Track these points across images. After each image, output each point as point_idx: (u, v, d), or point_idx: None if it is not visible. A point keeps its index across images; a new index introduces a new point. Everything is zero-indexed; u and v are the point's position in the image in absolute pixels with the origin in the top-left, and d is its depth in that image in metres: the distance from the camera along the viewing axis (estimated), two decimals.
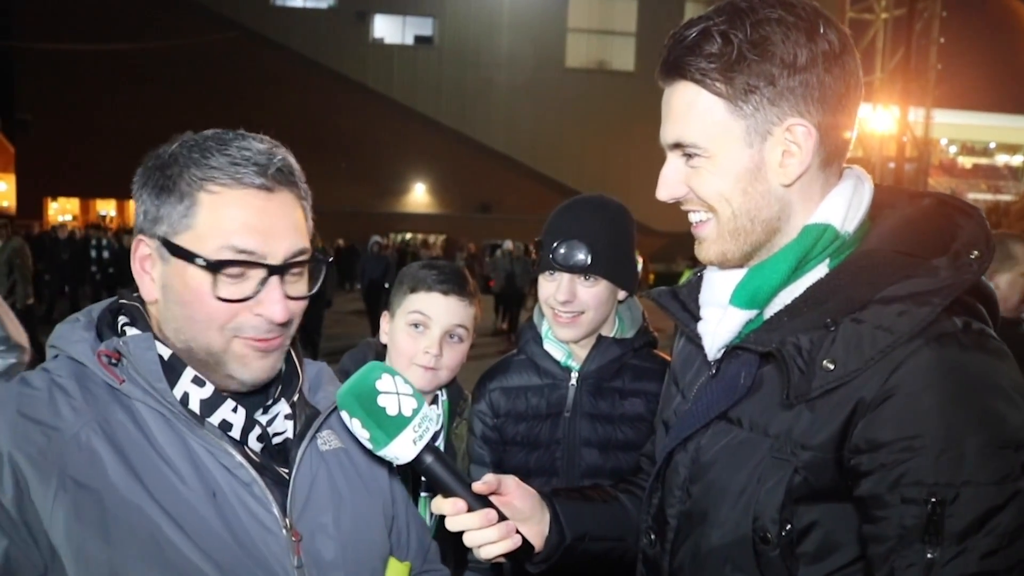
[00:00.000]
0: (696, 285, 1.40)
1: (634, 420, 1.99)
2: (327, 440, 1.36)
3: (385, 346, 2.09)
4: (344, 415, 1.21)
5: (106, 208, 35.07)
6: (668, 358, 2.10)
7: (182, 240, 1.16)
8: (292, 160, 1.24)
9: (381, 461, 1.37)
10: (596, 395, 2.01)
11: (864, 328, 1.10)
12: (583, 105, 31.49)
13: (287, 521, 1.20)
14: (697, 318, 1.35)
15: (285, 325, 1.21)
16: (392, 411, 1.19)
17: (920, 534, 1.04)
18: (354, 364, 1.97)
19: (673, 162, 1.26)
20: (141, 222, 1.20)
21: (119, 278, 14.63)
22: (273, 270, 1.17)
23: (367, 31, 32.09)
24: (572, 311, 1.96)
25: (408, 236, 28.83)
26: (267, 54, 29.74)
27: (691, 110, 1.21)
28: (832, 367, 1.10)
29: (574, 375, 2.03)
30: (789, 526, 1.14)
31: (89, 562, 1.06)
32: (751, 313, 1.24)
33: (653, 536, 1.37)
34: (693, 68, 1.19)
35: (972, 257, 1.13)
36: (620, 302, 2.06)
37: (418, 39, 32.99)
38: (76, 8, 27.92)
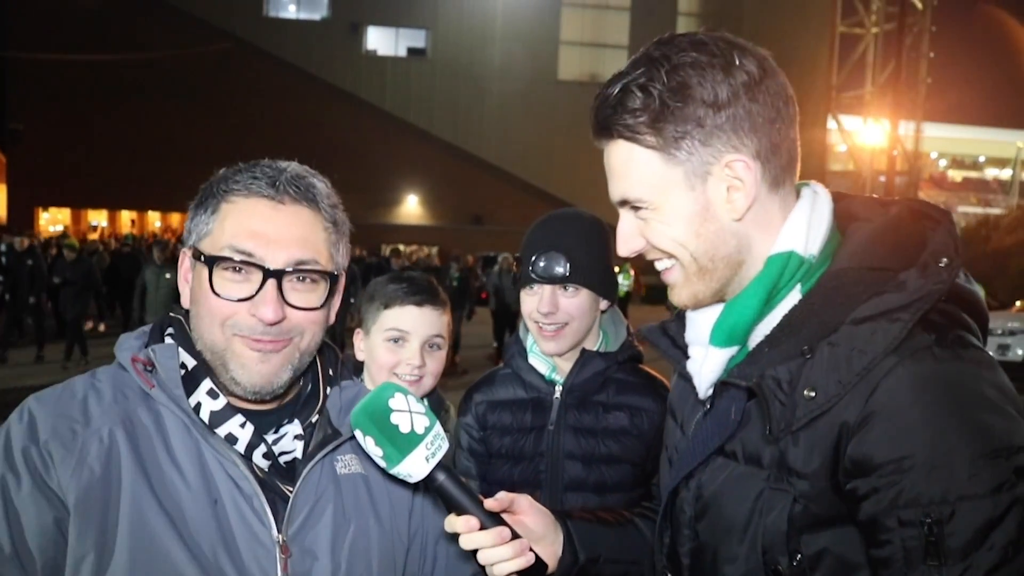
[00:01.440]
0: (683, 322, 1.39)
1: (618, 434, 1.99)
2: (348, 464, 1.38)
3: (361, 363, 2.10)
4: (358, 434, 1.24)
5: (98, 218, 34.96)
6: (653, 372, 2.11)
7: (202, 245, 1.28)
8: (318, 183, 1.33)
9: (403, 493, 1.42)
10: (580, 408, 2.01)
11: (839, 351, 1.10)
12: (575, 117, 31.48)
13: (280, 537, 1.24)
14: (687, 356, 1.35)
15: (281, 329, 1.26)
16: (405, 429, 1.21)
17: (922, 556, 1.02)
18: None
19: (626, 217, 1.27)
20: (185, 237, 1.34)
21: (12, 291, 13.02)
22: (269, 273, 1.24)
23: (360, 43, 32.21)
24: (556, 323, 1.96)
25: (403, 248, 28.83)
26: (260, 65, 29.80)
27: (628, 166, 1.22)
28: (813, 395, 1.10)
29: (558, 388, 2.03)
30: (799, 556, 1.12)
31: (83, 539, 1.16)
32: (732, 350, 1.24)
33: (670, 575, 1.36)
34: (621, 126, 1.20)
35: (941, 266, 1.12)
36: (603, 312, 2.07)
37: (411, 51, 33.14)
38: (68, 18, 27.94)
